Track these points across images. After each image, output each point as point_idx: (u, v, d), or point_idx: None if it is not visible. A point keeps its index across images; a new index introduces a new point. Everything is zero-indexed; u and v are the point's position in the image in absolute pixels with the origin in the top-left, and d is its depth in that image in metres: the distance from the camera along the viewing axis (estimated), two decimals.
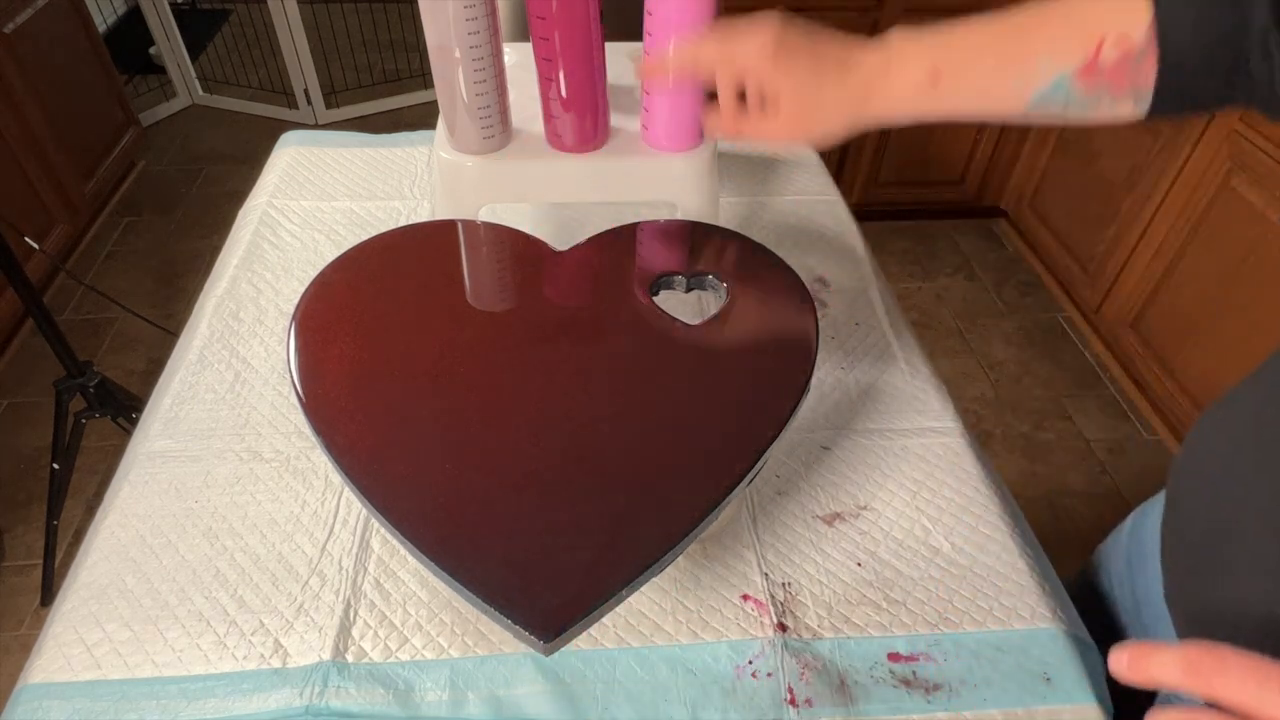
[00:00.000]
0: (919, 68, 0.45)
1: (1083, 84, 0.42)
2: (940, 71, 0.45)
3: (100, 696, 0.49)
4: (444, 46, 0.57)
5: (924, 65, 0.45)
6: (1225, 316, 1.48)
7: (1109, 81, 0.41)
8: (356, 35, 2.89)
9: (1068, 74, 0.42)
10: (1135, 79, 0.40)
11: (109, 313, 1.88)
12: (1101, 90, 0.42)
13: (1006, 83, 0.44)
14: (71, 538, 1.45)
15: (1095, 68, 0.41)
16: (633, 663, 0.52)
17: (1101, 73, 0.41)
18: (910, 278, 2.12)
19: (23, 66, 1.83)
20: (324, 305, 0.53)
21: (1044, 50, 0.42)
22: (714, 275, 0.56)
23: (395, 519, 0.41)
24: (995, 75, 0.44)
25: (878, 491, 0.63)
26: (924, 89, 0.45)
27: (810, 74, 0.47)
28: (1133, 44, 0.40)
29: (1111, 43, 0.40)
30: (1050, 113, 0.44)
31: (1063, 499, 1.58)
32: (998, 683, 0.51)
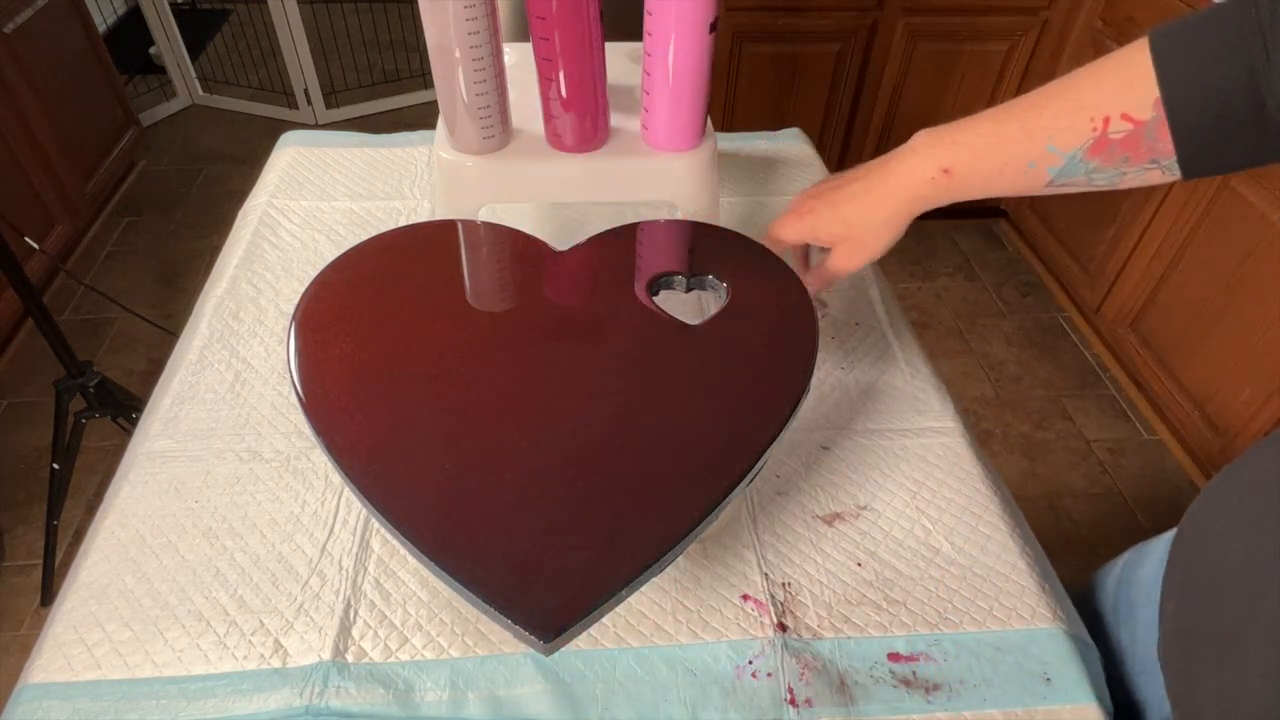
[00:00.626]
0: (932, 165, 0.50)
1: (1097, 159, 0.43)
2: (951, 169, 0.49)
3: (100, 696, 0.49)
4: (444, 46, 0.57)
5: (936, 163, 0.49)
6: (1225, 316, 1.48)
7: (1125, 155, 0.42)
8: (356, 35, 2.89)
9: (1079, 153, 0.43)
10: (1153, 151, 0.41)
11: (109, 313, 1.88)
12: (1121, 162, 0.42)
13: (1018, 168, 0.46)
14: (71, 538, 1.45)
15: (1106, 144, 0.42)
16: (633, 663, 0.52)
17: (1114, 148, 0.42)
18: (910, 278, 2.12)
19: (23, 66, 1.83)
20: (324, 305, 0.53)
21: (1049, 135, 0.44)
22: (714, 275, 0.56)
23: (395, 519, 0.41)
24: (1005, 164, 0.47)
25: (878, 491, 0.63)
26: (939, 182, 0.50)
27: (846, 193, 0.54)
28: (1140, 120, 0.40)
29: (1117, 120, 0.41)
30: (1076, 185, 0.45)
31: (1063, 499, 1.58)
32: (998, 683, 0.51)
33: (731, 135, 1.04)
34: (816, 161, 1.01)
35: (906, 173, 0.51)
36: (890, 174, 0.52)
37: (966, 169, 0.49)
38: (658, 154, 0.63)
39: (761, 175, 0.97)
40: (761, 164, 0.99)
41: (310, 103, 2.62)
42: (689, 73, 0.58)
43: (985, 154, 0.48)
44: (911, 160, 0.51)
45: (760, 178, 0.97)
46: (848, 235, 0.55)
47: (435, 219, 0.63)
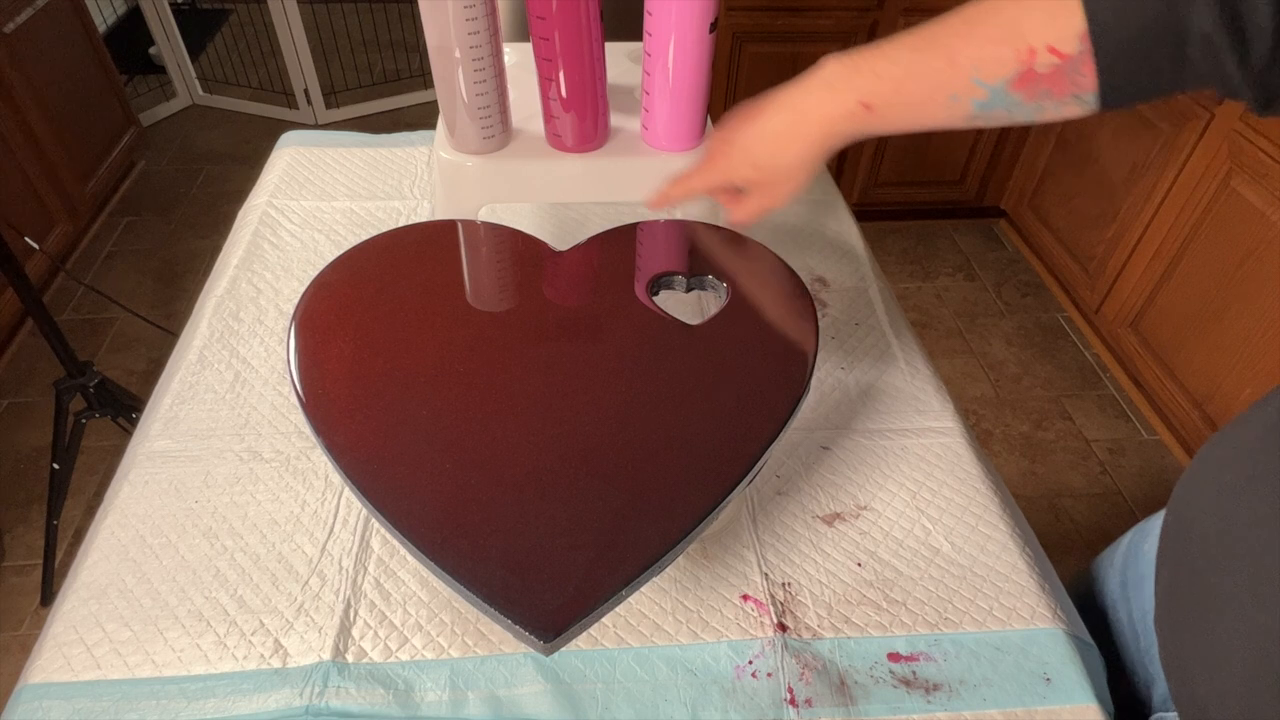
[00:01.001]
0: (850, 99, 0.46)
1: (1021, 92, 0.41)
2: (870, 103, 0.46)
3: (100, 696, 0.49)
4: (444, 46, 0.57)
5: (854, 97, 0.46)
6: (1225, 317, 1.48)
7: (1048, 88, 0.40)
8: (356, 35, 2.89)
9: (1003, 85, 0.41)
10: (1075, 85, 0.40)
11: (109, 313, 1.88)
12: (1043, 96, 0.41)
13: (941, 100, 0.44)
14: (71, 538, 1.45)
15: (1031, 77, 0.40)
16: (633, 663, 0.52)
17: (1038, 81, 0.40)
18: (910, 278, 2.12)
19: (23, 66, 1.83)
20: (324, 305, 0.53)
21: (973, 67, 0.42)
22: (714, 275, 0.56)
23: (395, 519, 0.41)
24: (928, 97, 0.44)
25: (878, 491, 0.63)
26: (858, 116, 0.46)
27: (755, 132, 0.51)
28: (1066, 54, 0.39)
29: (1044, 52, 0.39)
30: (995, 120, 0.44)
31: (1063, 499, 1.58)
32: (997, 683, 0.51)
33: None
34: None
35: (819, 107, 0.47)
36: (803, 110, 0.48)
37: (886, 102, 0.45)
38: (658, 154, 0.63)
39: None
40: None
41: (310, 103, 2.62)
42: (689, 73, 0.58)
43: (907, 86, 0.44)
44: (825, 94, 0.47)
45: None
46: (760, 179, 0.52)
47: (435, 219, 0.63)
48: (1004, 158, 2.14)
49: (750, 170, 0.52)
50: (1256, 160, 1.39)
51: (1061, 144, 1.97)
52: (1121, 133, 1.74)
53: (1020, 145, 2.10)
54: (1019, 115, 0.43)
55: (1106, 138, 1.80)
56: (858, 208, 1.05)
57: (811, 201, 0.94)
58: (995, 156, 2.13)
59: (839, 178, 2.12)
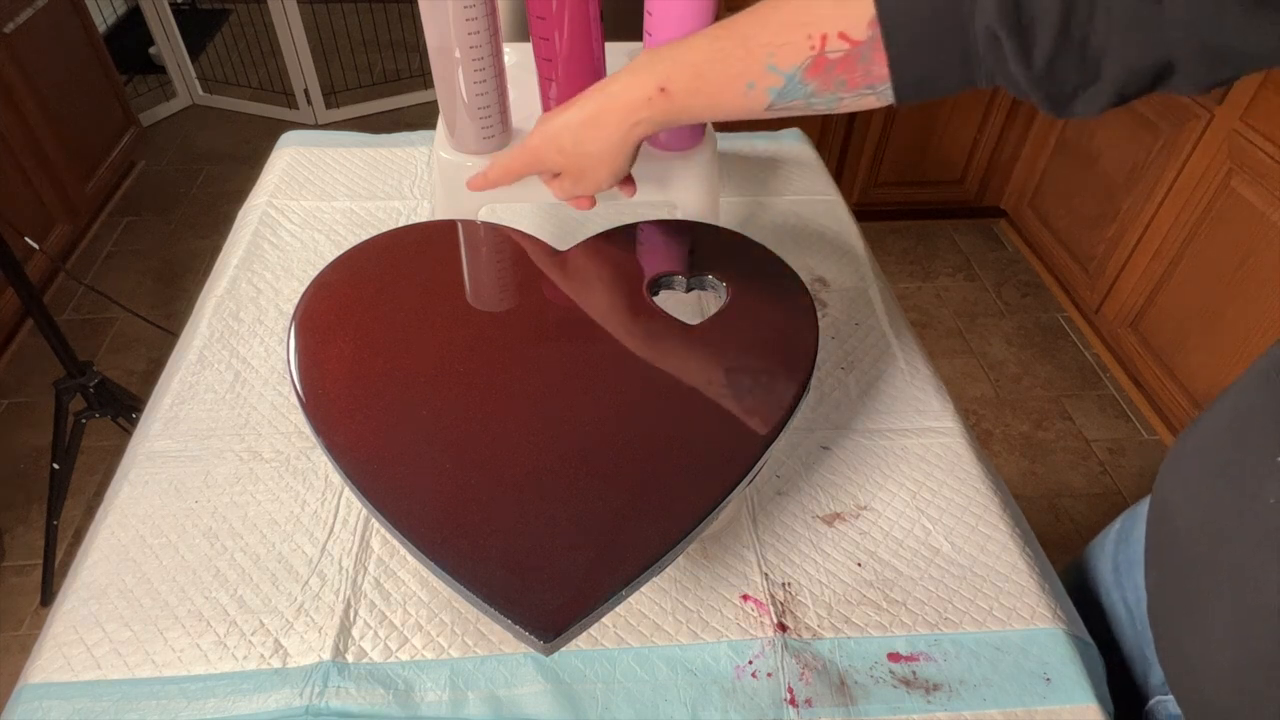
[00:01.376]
0: (649, 83, 0.46)
1: (815, 81, 0.41)
2: (668, 88, 0.46)
3: (100, 696, 0.49)
4: (444, 47, 0.57)
5: (653, 81, 0.46)
6: (1225, 317, 1.48)
7: (841, 77, 0.40)
8: (356, 35, 2.89)
9: (798, 72, 0.41)
10: (869, 75, 0.40)
11: (109, 313, 1.88)
12: (838, 85, 0.41)
13: (738, 88, 0.44)
14: (71, 538, 1.45)
15: (823, 63, 0.40)
16: (633, 663, 0.52)
17: (831, 68, 0.40)
18: (910, 278, 2.12)
19: (23, 66, 1.83)
20: (324, 305, 0.53)
21: (768, 54, 0.42)
22: (714, 275, 0.56)
23: (395, 519, 0.41)
24: (725, 84, 0.44)
25: (878, 491, 0.63)
26: (657, 102, 0.46)
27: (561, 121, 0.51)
28: (856, 40, 0.39)
29: (834, 39, 0.39)
30: (795, 108, 0.44)
31: (1063, 499, 1.58)
32: (997, 683, 0.51)
33: (731, 135, 1.04)
34: (816, 162, 1.01)
35: (621, 94, 0.48)
36: (606, 96, 0.49)
37: (684, 88, 0.45)
38: (658, 154, 0.63)
39: (761, 175, 0.97)
40: (761, 164, 0.99)
41: (310, 103, 2.62)
42: None
43: (705, 71, 0.45)
44: (627, 79, 0.47)
45: (760, 178, 0.97)
46: (568, 164, 0.52)
47: (435, 219, 0.63)
48: (1004, 158, 2.14)
49: (557, 156, 0.52)
50: (1256, 160, 1.39)
51: (1061, 144, 1.97)
52: (1121, 133, 1.74)
53: (1020, 145, 2.11)
54: (817, 105, 0.43)
55: (1106, 138, 1.80)
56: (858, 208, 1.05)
57: (811, 201, 0.94)
58: (995, 156, 2.13)
59: (839, 178, 2.12)
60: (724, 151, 0.99)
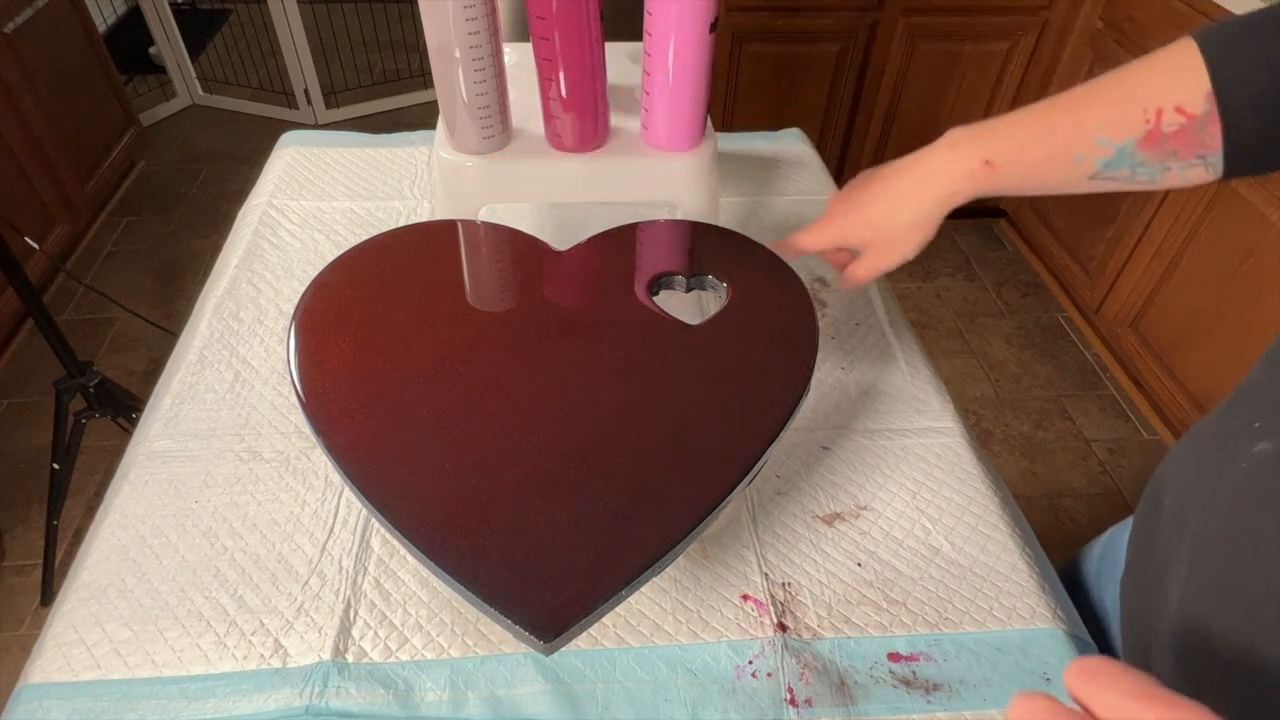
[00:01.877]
0: (973, 158, 0.47)
1: (1147, 152, 0.42)
2: (993, 161, 0.47)
3: (100, 696, 0.49)
4: (444, 47, 0.57)
5: (976, 155, 0.47)
6: (1225, 316, 1.48)
7: (1174, 148, 0.41)
8: (356, 35, 2.89)
9: (1130, 144, 0.42)
10: (1202, 145, 0.40)
11: (109, 313, 1.88)
12: (1168, 156, 0.42)
13: (1066, 159, 0.45)
14: (71, 538, 1.45)
15: (1158, 136, 0.41)
16: (633, 663, 0.52)
17: (1165, 140, 0.41)
18: (910, 278, 2.12)
19: (23, 66, 1.83)
20: (324, 305, 0.53)
21: (1099, 126, 0.43)
22: (714, 275, 0.56)
23: (395, 519, 0.41)
24: (1051, 156, 0.45)
25: (878, 491, 0.63)
26: (978, 175, 0.47)
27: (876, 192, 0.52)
28: (1193, 114, 0.40)
29: (1170, 113, 0.40)
30: (1118, 180, 0.45)
31: (1063, 499, 1.58)
32: (997, 683, 0.51)
33: (732, 135, 1.04)
34: (816, 162, 1.01)
35: (943, 169, 0.49)
36: (923, 171, 0.50)
37: (1009, 160, 0.47)
38: (658, 154, 0.63)
39: (761, 175, 0.97)
40: (761, 164, 0.99)
41: (310, 103, 2.62)
42: (689, 73, 0.58)
43: (1031, 145, 0.46)
44: (947, 154, 0.49)
45: (760, 178, 0.97)
46: (875, 239, 0.53)
47: (435, 219, 0.63)
48: None
49: (867, 230, 0.53)
50: None
51: None
52: None
53: None
54: (1141, 176, 0.44)
55: None
56: None
57: (811, 201, 0.94)
58: None
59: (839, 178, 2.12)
60: (724, 151, 0.99)
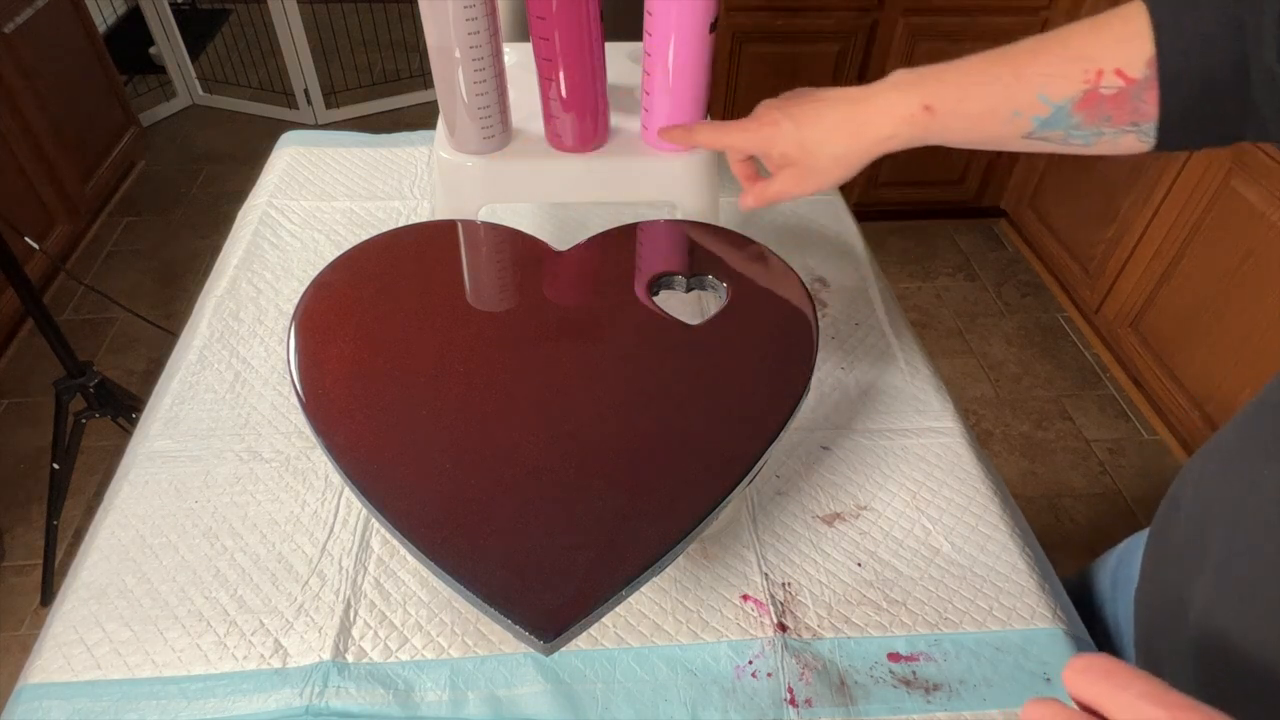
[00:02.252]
0: (914, 100, 0.46)
1: (1083, 113, 0.42)
2: (933, 106, 0.46)
3: (100, 696, 0.49)
4: (444, 46, 0.57)
5: (917, 98, 0.46)
6: (1225, 317, 1.48)
7: (1110, 113, 0.41)
8: (356, 35, 2.89)
9: (1068, 104, 0.42)
10: (1137, 112, 0.40)
11: (109, 313, 1.88)
12: (1103, 121, 0.41)
13: (1004, 114, 0.44)
14: (71, 538, 1.45)
15: (1095, 98, 0.41)
16: (633, 663, 0.52)
17: (1102, 103, 0.41)
18: (910, 278, 2.12)
19: (23, 66, 1.83)
20: (324, 305, 0.53)
21: (1041, 82, 0.42)
22: (714, 275, 0.56)
23: (395, 519, 0.41)
24: (991, 108, 0.45)
25: (878, 491, 0.63)
26: (917, 119, 0.47)
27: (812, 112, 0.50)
28: (1132, 78, 0.39)
29: (1111, 74, 0.40)
30: (1052, 141, 0.44)
31: (1063, 499, 1.58)
32: (998, 683, 0.51)
33: None
34: None
35: (885, 107, 0.47)
36: (866, 106, 0.48)
37: (949, 109, 0.46)
38: (658, 154, 0.63)
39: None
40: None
41: (310, 103, 2.62)
42: (689, 73, 0.58)
43: (973, 94, 0.45)
44: (892, 94, 0.47)
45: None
46: (800, 160, 0.51)
47: (435, 219, 0.63)
48: (1004, 157, 2.13)
49: (795, 148, 0.51)
50: (1256, 160, 1.39)
51: None
52: None
53: None
54: (1075, 139, 0.43)
55: None
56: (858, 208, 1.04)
57: (811, 201, 0.94)
58: (995, 156, 2.13)
59: None
60: None
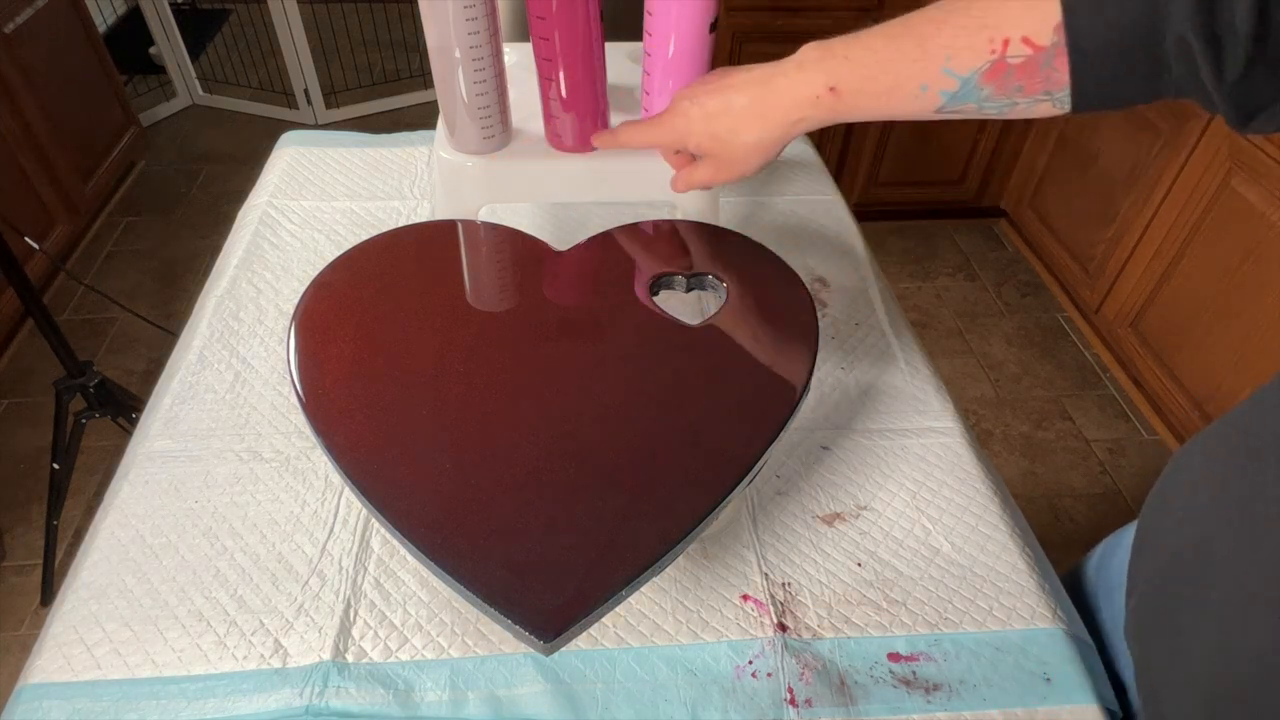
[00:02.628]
0: (818, 82, 0.45)
1: (992, 86, 0.40)
2: (838, 87, 0.45)
3: (100, 696, 0.49)
4: (444, 47, 0.57)
5: (821, 79, 0.45)
6: (1225, 316, 1.48)
7: (1020, 82, 0.39)
8: (356, 35, 2.89)
9: (975, 76, 0.40)
10: (1049, 80, 0.39)
11: (109, 313, 1.88)
12: (1013, 90, 0.40)
13: (911, 89, 0.43)
14: (71, 538, 1.45)
15: (1003, 68, 0.39)
16: (633, 663, 0.52)
17: (1010, 73, 0.39)
18: (910, 278, 2.12)
19: (23, 66, 1.83)
20: (324, 305, 0.53)
21: (944, 56, 0.41)
22: (714, 275, 0.56)
23: (395, 519, 0.41)
24: (896, 84, 0.43)
25: (878, 491, 0.63)
26: (823, 100, 0.45)
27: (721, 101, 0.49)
28: (1040, 45, 0.38)
29: (1017, 43, 0.38)
30: (966, 111, 0.43)
31: (1063, 499, 1.58)
32: (998, 683, 0.51)
33: None
34: (817, 161, 1.01)
35: (789, 89, 0.46)
36: (772, 89, 0.47)
37: (854, 89, 0.44)
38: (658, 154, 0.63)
39: (761, 175, 0.97)
40: None
41: (310, 103, 2.62)
42: (689, 73, 0.58)
43: (876, 72, 0.43)
44: (796, 75, 0.46)
45: (760, 178, 0.97)
46: (714, 150, 0.51)
47: (435, 219, 0.63)
48: (1004, 158, 2.14)
49: (707, 140, 0.50)
50: (1256, 160, 1.39)
51: (1061, 143, 1.97)
52: (1122, 132, 1.74)
53: (1020, 145, 2.10)
54: (988, 110, 0.42)
55: (1107, 137, 1.80)
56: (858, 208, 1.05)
57: (811, 201, 0.94)
58: (995, 156, 2.13)
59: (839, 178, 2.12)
60: None
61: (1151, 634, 0.46)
